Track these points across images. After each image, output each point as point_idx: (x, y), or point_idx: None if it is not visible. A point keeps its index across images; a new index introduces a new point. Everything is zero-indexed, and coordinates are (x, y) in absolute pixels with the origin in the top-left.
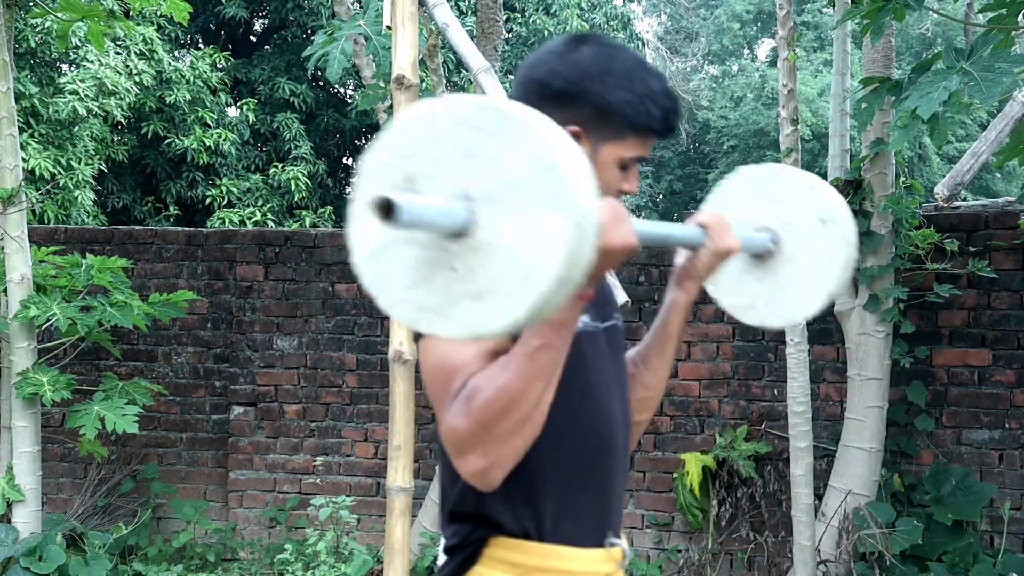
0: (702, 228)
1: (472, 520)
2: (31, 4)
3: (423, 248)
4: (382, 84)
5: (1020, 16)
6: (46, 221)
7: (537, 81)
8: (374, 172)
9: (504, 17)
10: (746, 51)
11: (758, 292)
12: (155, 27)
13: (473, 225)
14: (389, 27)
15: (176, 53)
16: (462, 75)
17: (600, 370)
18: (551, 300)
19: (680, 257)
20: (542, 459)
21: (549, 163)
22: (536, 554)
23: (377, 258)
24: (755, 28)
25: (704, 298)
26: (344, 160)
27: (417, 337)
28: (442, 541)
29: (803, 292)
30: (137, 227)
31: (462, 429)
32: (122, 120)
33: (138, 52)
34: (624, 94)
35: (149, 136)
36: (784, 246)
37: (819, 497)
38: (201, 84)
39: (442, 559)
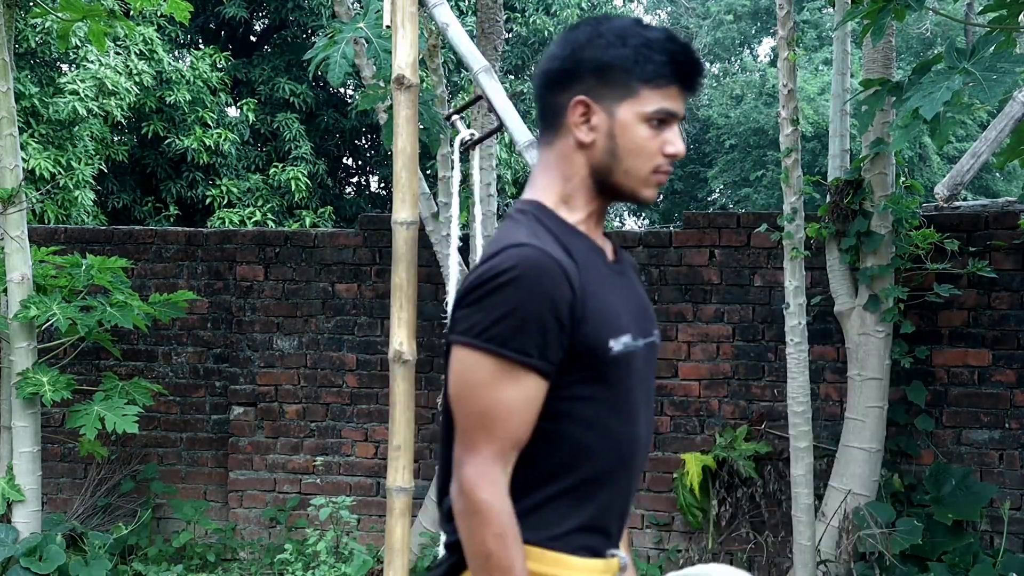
0: None
1: None
2: (31, 4)
3: None
4: (382, 84)
5: (1021, 17)
6: (46, 221)
7: (541, 73)
8: None
9: (504, 17)
10: (745, 49)
11: None
12: (155, 27)
13: None
14: (389, 27)
15: (176, 53)
16: (462, 75)
17: (633, 390)
18: None
19: None
20: (561, 471)
21: None
22: (535, 559)
23: None
24: (755, 26)
25: (704, 298)
26: (344, 160)
27: (448, 338)
28: (443, 537)
29: None
30: (137, 227)
31: (476, 501)
32: (122, 120)
33: (138, 52)
34: (618, 50)
35: (149, 136)
36: None
37: (819, 497)
38: (201, 84)
39: (442, 554)
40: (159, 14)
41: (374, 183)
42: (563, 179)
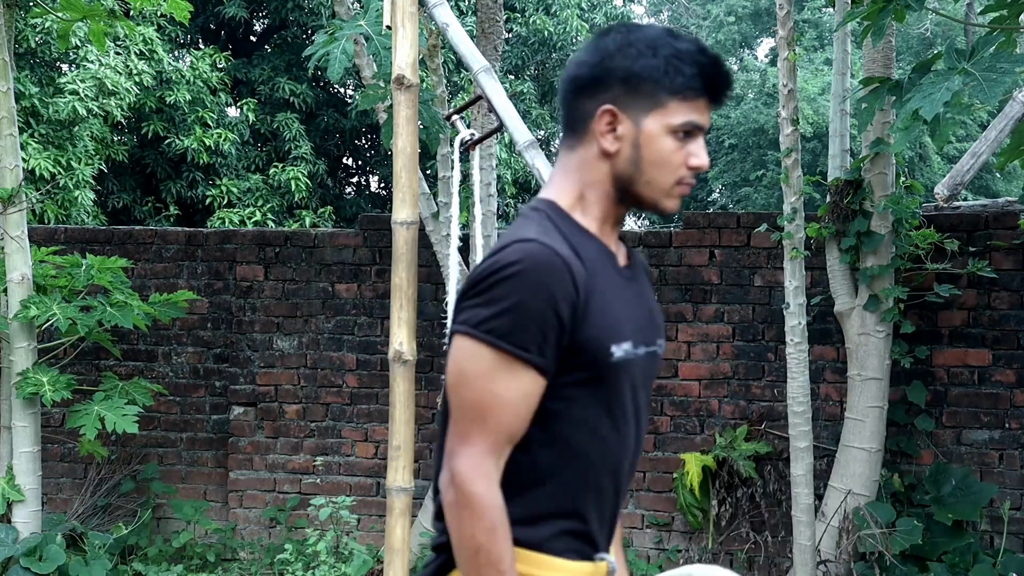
0: None
1: None
2: (31, 4)
3: None
4: (382, 84)
5: (1021, 17)
6: (46, 221)
7: (569, 79)
8: None
9: (504, 17)
10: (745, 50)
11: None
12: (155, 27)
13: None
14: (389, 27)
15: (176, 53)
16: (462, 75)
17: (628, 397)
18: None
19: None
20: (548, 474)
21: None
22: (523, 561)
23: None
24: (755, 27)
25: (704, 298)
26: (344, 160)
27: (451, 333)
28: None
29: None
30: (137, 227)
31: (468, 494)
32: (122, 120)
33: (138, 52)
34: (648, 60)
35: (149, 136)
36: None
37: (819, 497)
38: (201, 84)
39: (430, 555)
40: (159, 14)
41: (374, 183)
42: (581, 183)
